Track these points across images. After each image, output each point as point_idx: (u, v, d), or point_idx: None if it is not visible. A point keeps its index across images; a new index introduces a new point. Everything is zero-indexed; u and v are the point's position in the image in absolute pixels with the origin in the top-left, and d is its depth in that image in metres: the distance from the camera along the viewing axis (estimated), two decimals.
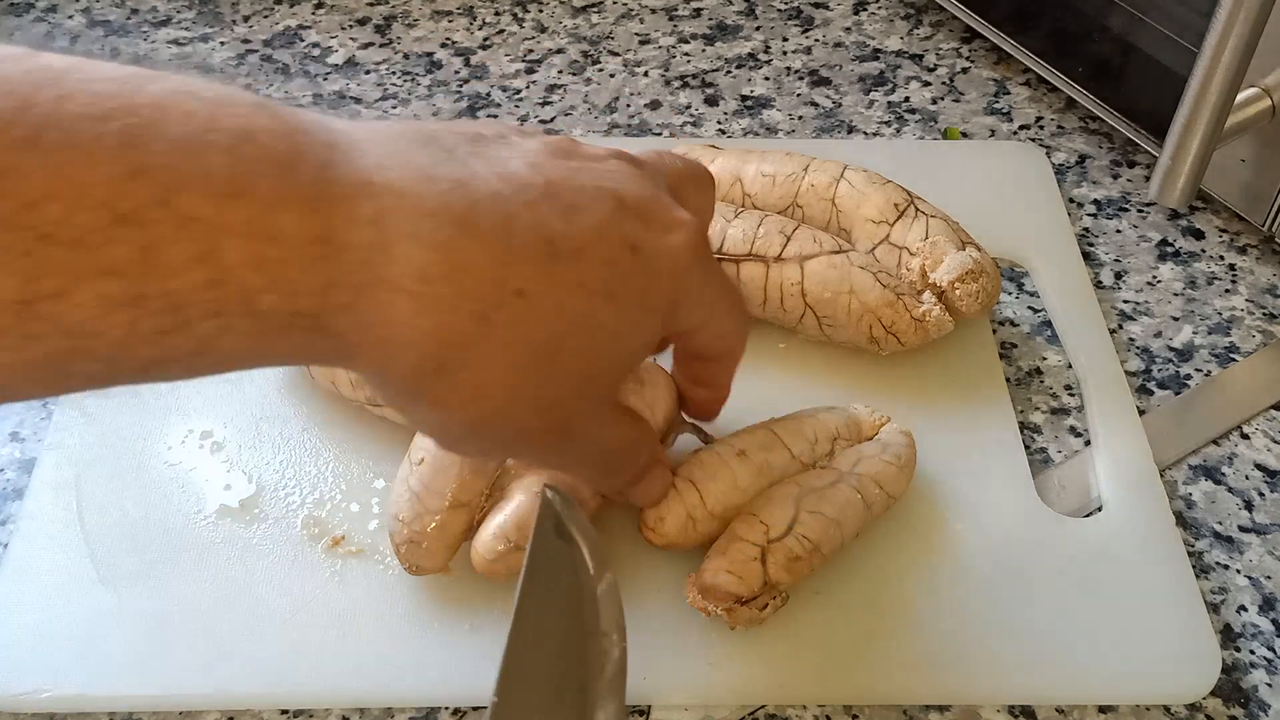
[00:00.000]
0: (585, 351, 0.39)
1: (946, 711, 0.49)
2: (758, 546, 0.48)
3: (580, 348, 0.39)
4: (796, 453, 0.51)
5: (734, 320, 0.45)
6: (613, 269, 0.39)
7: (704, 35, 0.81)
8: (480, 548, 0.49)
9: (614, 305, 0.39)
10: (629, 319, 0.40)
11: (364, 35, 0.81)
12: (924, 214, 0.59)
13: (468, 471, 0.49)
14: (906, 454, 0.53)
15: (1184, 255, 0.68)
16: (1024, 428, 0.58)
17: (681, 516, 0.49)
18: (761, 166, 0.61)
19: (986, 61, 0.79)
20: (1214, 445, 0.59)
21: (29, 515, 0.53)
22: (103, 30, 0.80)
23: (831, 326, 0.58)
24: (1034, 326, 0.63)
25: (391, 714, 0.49)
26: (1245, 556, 0.54)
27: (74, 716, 0.48)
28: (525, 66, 0.79)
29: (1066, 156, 0.73)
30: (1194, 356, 0.63)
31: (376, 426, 0.56)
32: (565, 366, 0.38)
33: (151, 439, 0.56)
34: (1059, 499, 0.56)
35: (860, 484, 0.50)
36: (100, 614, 0.50)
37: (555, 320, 0.38)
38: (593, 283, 0.38)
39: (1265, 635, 0.52)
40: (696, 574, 0.49)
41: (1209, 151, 0.57)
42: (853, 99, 0.77)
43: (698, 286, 0.42)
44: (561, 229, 0.38)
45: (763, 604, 0.48)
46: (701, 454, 0.51)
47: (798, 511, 0.48)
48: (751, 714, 0.49)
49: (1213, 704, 0.49)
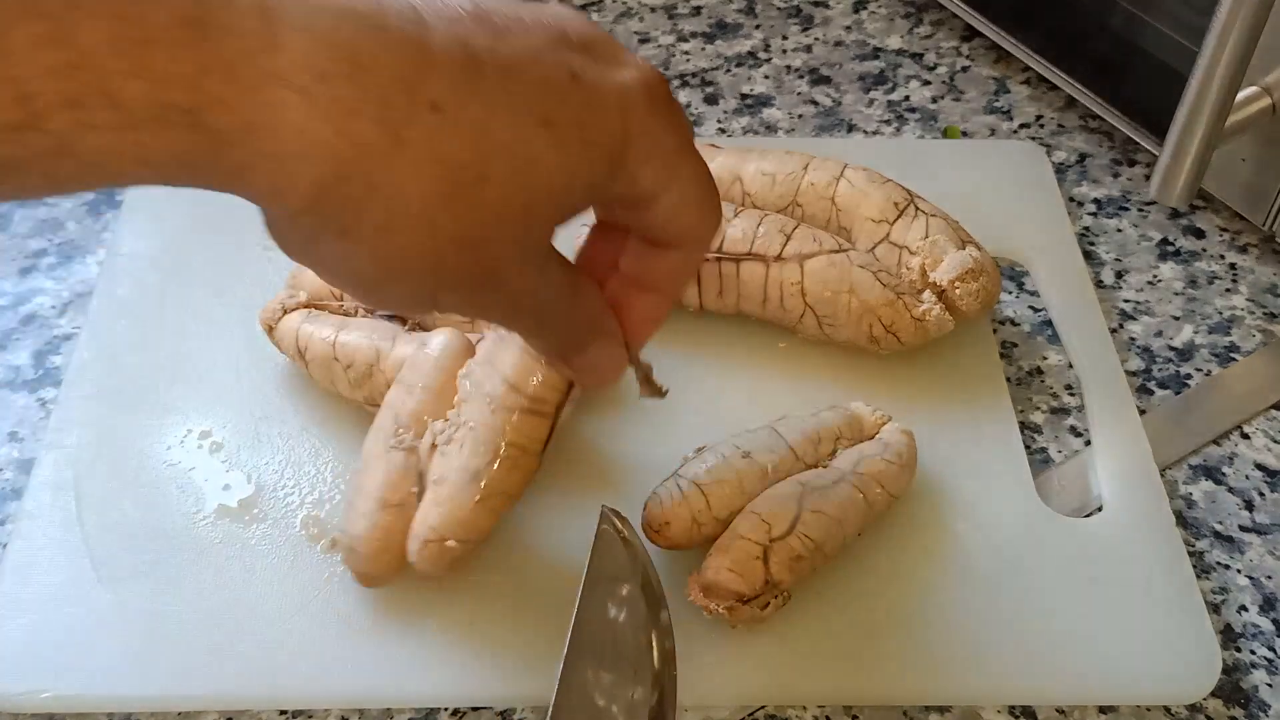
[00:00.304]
0: (514, 182, 0.34)
1: (946, 712, 0.49)
2: (760, 545, 0.48)
3: (508, 177, 0.34)
4: (800, 453, 0.51)
5: (698, 192, 0.40)
6: (548, 92, 0.35)
7: (704, 33, 0.81)
8: (410, 544, 0.48)
9: (549, 133, 0.35)
10: (567, 152, 0.35)
11: None
12: (924, 213, 0.59)
13: (394, 469, 0.49)
14: (908, 453, 0.53)
15: (1184, 254, 0.68)
16: (1024, 427, 0.58)
17: (687, 520, 0.49)
18: (761, 165, 0.61)
19: (986, 60, 0.79)
20: (1214, 445, 0.59)
21: (28, 515, 0.53)
22: None
23: (831, 326, 0.58)
24: (1034, 326, 0.63)
25: (391, 714, 0.48)
26: (1246, 556, 0.54)
27: (73, 716, 0.48)
28: None
29: (1067, 155, 0.73)
30: (1194, 356, 0.62)
31: None
32: (491, 198, 0.34)
33: (150, 439, 0.56)
34: (1059, 499, 0.56)
35: (862, 483, 0.50)
36: (99, 614, 0.50)
37: (479, 142, 0.33)
38: (523, 105, 0.34)
39: (1266, 635, 0.52)
40: (698, 572, 0.49)
41: (1209, 150, 0.57)
42: (853, 97, 0.77)
43: (655, 136, 0.38)
44: (487, 44, 0.34)
45: (764, 603, 0.48)
46: (706, 455, 0.51)
47: (800, 510, 0.48)
48: (751, 714, 0.49)
49: (1213, 704, 0.49)
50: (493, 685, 0.48)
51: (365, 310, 0.56)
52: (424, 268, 0.35)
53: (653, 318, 0.44)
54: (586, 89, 0.36)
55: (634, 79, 0.37)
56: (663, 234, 0.41)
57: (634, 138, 0.37)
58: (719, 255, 0.58)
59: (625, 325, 0.43)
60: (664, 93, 0.39)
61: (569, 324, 0.41)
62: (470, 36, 0.34)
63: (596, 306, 0.42)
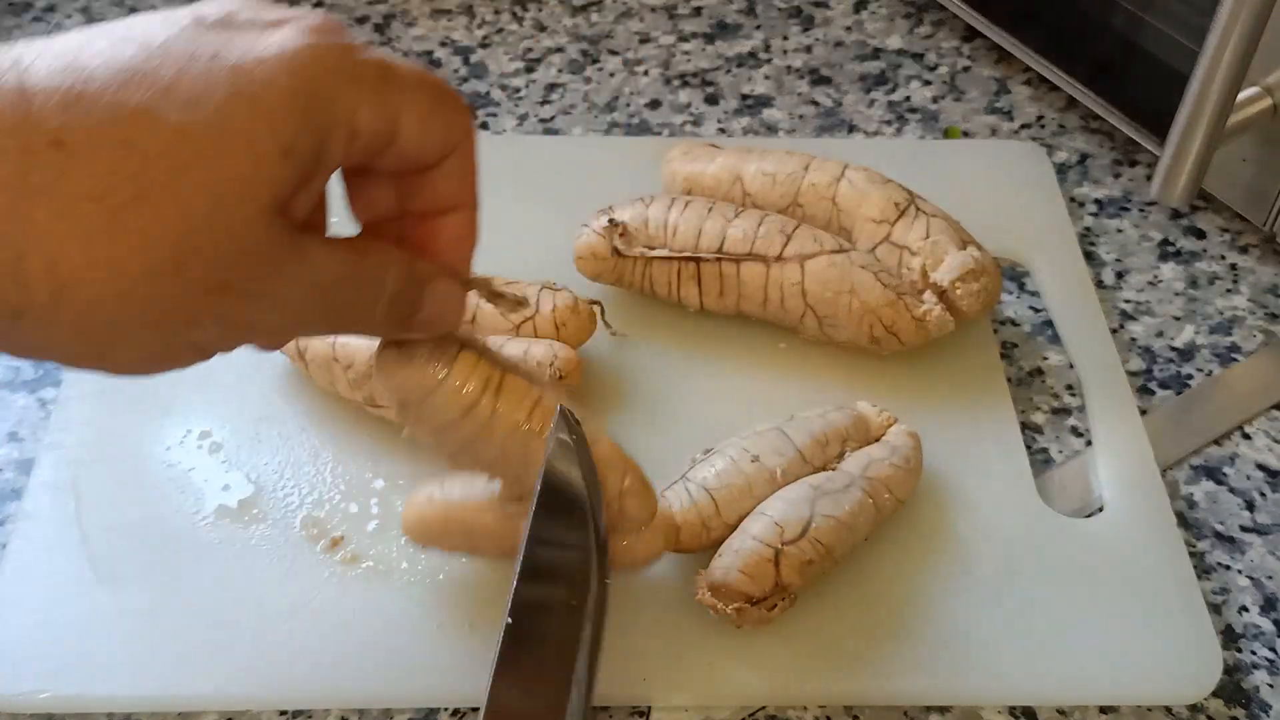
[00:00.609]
0: (182, 188, 0.32)
1: (947, 712, 0.49)
2: (772, 548, 0.47)
3: (169, 184, 0.32)
4: (808, 456, 0.51)
5: (430, 99, 0.38)
6: (187, 81, 0.32)
7: (704, 34, 0.81)
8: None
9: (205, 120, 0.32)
10: (233, 131, 0.33)
11: (363, 34, 0.80)
12: (925, 213, 0.59)
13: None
14: (914, 457, 0.53)
15: (1185, 255, 0.68)
16: (1025, 428, 0.58)
17: (697, 526, 0.49)
18: (762, 165, 0.61)
19: (987, 60, 0.79)
20: (1215, 445, 0.59)
21: (27, 515, 0.53)
22: None
23: (832, 326, 0.58)
24: (1035, 326, 0.63)
25: (391, 714, 0.48)
26: (1247, 557, 0.54)
27: (73, 716, 0.48)
28: (525, 65, 0.78)
29: (1068, 155, 0.73)
30: (1195, 356, 0.62)
31: (376, 427, 0.56)
32: (164, 213, 0.32)
33: (150, 439, 0.56)
34: (1060, 499, 0.56)
35: (872, 488, 0.50)
36: (99, 614, 0.50)
37: (121, 162, 0.31)
38: (160, 103, 0.32)
39: (1267, 636, 0.51)
40: (707, 571, 0.48)
41: (1210, 151, 0.57)
42: (853, 98, 0.77)
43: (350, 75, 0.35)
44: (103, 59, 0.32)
45: (772, 604, 0.48)
46: (714, 458, 0.51)
47: (813, 515, 0.48)
48: (751, 714, 0.49)
49: (1214, 705, 0.49)
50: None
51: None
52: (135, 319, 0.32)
53: (465, 234, 0.42)
54: (234, 64, 0.33)
55: (293, 34, 0.35)
56: (424, 157, 0.39)
57: (325, 89, 0.35)
58: (719, 256, 0.57)
59: (441, 256, 0.41)
60: (336, 31, 0.36)
61: (372, 299, 0.38)
62: (81, 57, 0.32)
63: (395, 264, 0.39)
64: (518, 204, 0.67)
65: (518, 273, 0.59)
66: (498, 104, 0.76)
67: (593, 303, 0.57)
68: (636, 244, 0.59)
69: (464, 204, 0.41)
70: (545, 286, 0.57)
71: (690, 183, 0.63)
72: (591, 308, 0.57)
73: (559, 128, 0.74)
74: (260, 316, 0.36)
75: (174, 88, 0.32)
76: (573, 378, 0.53)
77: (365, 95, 0.36)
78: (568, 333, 0.55)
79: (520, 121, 0.74)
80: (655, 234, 0.59)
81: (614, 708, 0.48)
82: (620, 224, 0.59)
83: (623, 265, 0.59)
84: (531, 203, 0.67)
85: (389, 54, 0.37)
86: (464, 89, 0.76)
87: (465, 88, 0.76)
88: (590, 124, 0.74)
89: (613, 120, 0.75)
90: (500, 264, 0.62)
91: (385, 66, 0.36)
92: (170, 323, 0.33)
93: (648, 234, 0.59)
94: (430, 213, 0.41)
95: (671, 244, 0.58)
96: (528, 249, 0.64)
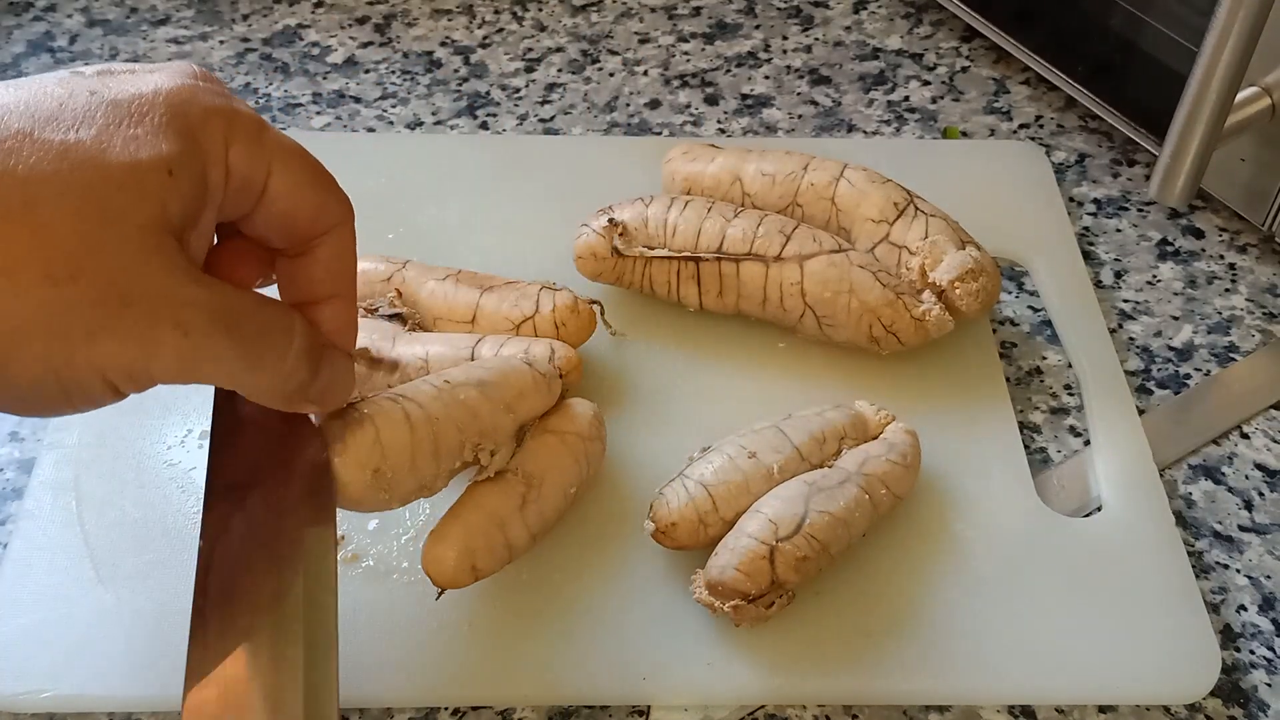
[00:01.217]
0: (73, 192, 0.34)
1: (946, 711, 0.49)
2: (767, 545, 0.47)
3: (61, 191, 0.34)
4: (805, 453, 0.51)
5: (304, 169, 0.40)
6: (68, 113, 0.35)
7: (704, 34, 0.81)
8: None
9: (84, 135, 0.35)
10: (115, 148, 0.35)
11: (363, 34, 0.80)
12: (924, 213, 0.59)
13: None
14: (912, 454, 0.53)
15: (1184, 254, 0.68)
16: (1024, 427, 0.58)
17: (694, 522, 0.49)
18: (761, 165, 0.61)
19: (986, 60, 0.79)
20: (1214, 445, 0.59)
21: (28, 515, 0.53)
22: (101, 29, 0.80)
23: (831, 326, 0.58)
24: (1034, 326, 0.63)
25: (391, 714, 0.49)
26: (1245, 556, 0.54)
27: (74, 716, 0.48)
28: (525, 65, 0.79)
29: (1066, 155, 0.73)
30: (1194, 356, 0.63)
31: None
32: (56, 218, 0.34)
33: (150, 439, 0.56)
34: (1059, 499, 0.56)
35: (868, 484, 0.50)
36: (100, 614, 0.50)
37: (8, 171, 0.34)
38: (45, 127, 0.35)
39: (1265, 635, 0.52)
40: (704, 569, 0.49)
41: (1209, 150, 0.57)
42: (852, 98, 0.77)
43: (225, 116, 0.38)
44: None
45: (769, 602, 0.48)
46: (712, 455, 0.51)
47: (807, 511, 0.48)
48: (751, 714, 0.49)
49: (1212, 704, 0.49)
50: (493, 685, 0.48)
51: (365, 309, 0.56)
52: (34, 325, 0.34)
53: (345, 324, 0.43)
54: (112, 99, 0.36)
55: (170, 75, 0.38)
56: (296, 226, 0.41)
57: (200, 120, 0.37)
58: (719, 255, 0.58)
59: (333, 335, 0.43)
60: (209, 79, 0.39)
61: (285, 337, 0.40)
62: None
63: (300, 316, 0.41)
64: (518, 204, 0.67)
65: (518, 273, 0.59)
66: (498, 104, 0.76)
67: (592, 302, 0.57)
68: (636, 244, 0.59)
69: (340, 293, 0.43)
70: (545, 287, 0.57)
71: (690, 183, 0.63)
72: (591, 308, 0.57)
73: (559, 128, 0.74)
74: (164, 338, 0.36)
75: (56, 116, 0.35)
76: (573, 376, 0.53)
77: (238, 137, 0.38)
78: (568, 332, 0.56)
79: (520, 121, 0.74)
80: (655, 234, 0.59)
81: (613, 707, 0.49)
82: (620, 224, 0.59)
83: (622, 265, 0.59)
84: (531, 203, 0.67)
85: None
86: (464, 89, 0.76)
87: (465, 88, 0.77)
88: (590, 124, 0.74)
89: (613, 120, 0.75)
90: (501, 264, 0.63)
91: (261, 123, 0.39)
92: (69, 333, 0.34)
93: (647, 234, 0.59)
94: (309, 301, 0.42)
95: (671, 244, 0.58)
96: (528, 249, 0.64)
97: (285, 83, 0.77)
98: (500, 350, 0.53)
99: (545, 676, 0.48)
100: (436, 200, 0.67)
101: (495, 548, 0.48)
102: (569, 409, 0.51)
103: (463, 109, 0.75)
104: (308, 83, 0.77)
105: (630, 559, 0.52)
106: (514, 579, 0.51)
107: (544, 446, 0.50)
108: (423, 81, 0.77)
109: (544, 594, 0.51)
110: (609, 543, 0.52)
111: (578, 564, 0.52)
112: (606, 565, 0.51)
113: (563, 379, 0.52)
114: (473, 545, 0.47)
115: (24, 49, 0.78)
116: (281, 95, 0.76)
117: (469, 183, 0.68)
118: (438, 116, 0.75)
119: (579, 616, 0.50)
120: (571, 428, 0.51)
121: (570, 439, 0.50)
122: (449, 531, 0.47)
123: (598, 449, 0.52)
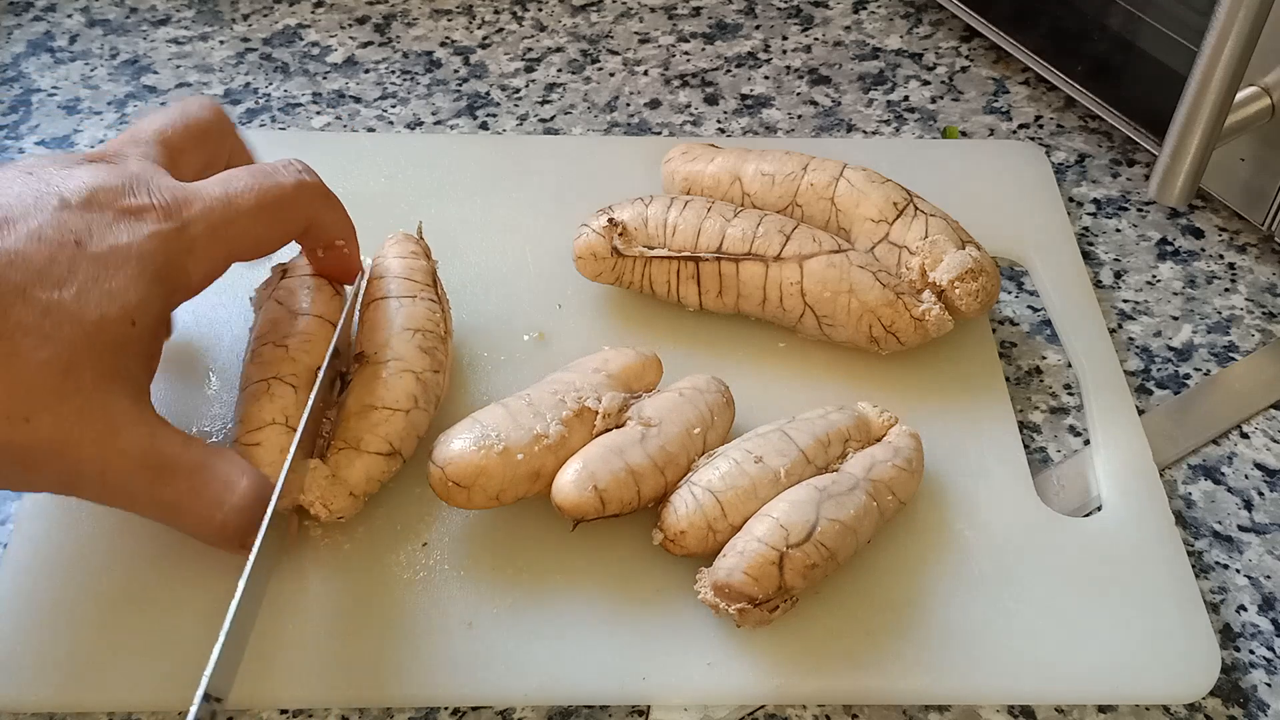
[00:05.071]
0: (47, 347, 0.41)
1: (946, 711, 0.49)
2: (777, 551, 0.47)
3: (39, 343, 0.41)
4: (810, 456, 0.51)
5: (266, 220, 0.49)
6: (56, 268, 0.42)
7: (703, 34, 0.81)
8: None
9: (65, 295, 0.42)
10: (90, 305, 0.43)
11: (363, 34, 0.80)
12: (923, 213, 0.59)
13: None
14: (916, 458, 0.53)
15: (1183, 254, 0.68)
16: (1023, 427, 0.58)
17: (703, 529, 0.49)
18: (761, 165, 0.61)
19: (986, 60, 0.79)
20: (1213, 445, 0.59)
21: (29, 515, 0.53)
22: (102, 29, 0.80)
23: (831, 326, 0.58)
24: (1033, 326, 0.63)
25: (391, 714, 0.49)
26: (1245, 556, 0.54)
27: (74, 716, 0.48)
28: (524, 65, 0.79)
29: (1066, 155, 0.73)
30: (1193, 356, 0.63)
31: None
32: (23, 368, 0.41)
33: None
34: (1058, 498, 0.56)
35: (876, 491, 0.50)
36: (100, 614, 0.50)
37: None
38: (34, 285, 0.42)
39: (1265, 635, 0.52)
40: (710, 570, 0.48)
41: (1208, 150, 0.57)
42: (852, 98, 0.77)
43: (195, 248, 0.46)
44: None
45: (773, 606, 0.48)
46: (718, 460, 0.51)
47: (818, 518, 0.48)
48: (751, 714, 0.49)
49: (1212, 704, 0.49)
50: (493, 685, 0.48)
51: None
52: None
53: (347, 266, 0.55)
54: (93, 254, 0.43)
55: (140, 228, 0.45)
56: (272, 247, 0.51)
57: (164, 267, 0.45)
58: (718, 255, 0.58)
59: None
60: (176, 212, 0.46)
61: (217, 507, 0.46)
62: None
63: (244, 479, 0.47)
64: (518, 204, 0.67)
65: (518, 272, 0.59)
66: (498, 104, 0.76)
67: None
68: (636, 244, 0.59)
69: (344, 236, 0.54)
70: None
71: (690, 183, 0.63)
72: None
73: (559, 128, 0.74)
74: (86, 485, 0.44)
75: (46, 272, 0.42)
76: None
77: (199, 260, 0.46)
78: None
79: (520, 121, 0.75)
80: (654, 234, 0.59)
81: (613, 707, 0.49)
82: (620, 224, 0.59)
83: (622, 265, 0.59)
84: (531, 203, 0.67)
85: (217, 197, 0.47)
86: (463, 89, 0.76)
87: (465, 88, 0.77)
88: (590, 124, 0.75)
89: (612, 120, 0.75)
90: (500, 263, 0.63)
91: (212, 226, 0.46)
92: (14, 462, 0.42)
93: (647, 234, 0.59)
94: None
95: (671, 244, 0.58)
96: (528, 249, 0.64)
97: (285, 83, 0.77)
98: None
99: (545, 676, 0.48)
100: (436, 200, 0.67)
101: (616, 471, 0.49)
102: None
103: (463, 109, 0.75)
104: (308, 83, 0.77)
105: (630, 558, 0.52)
106: (514, 579, 0.51)
107: (661, 399, 0.53)
108: (423, 81, 0.77)
109: (544, 594, 0.51)
110: (608, 542, 0.52)
111: (577, 564, 0.52)
112: (606, 565, 0.52)
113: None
114: (592, 467, 0.49)
115: (24, 49, 0.78)
116: (281, 95, 0.76)
117: (469, 183, 0.68)
118: (438, 116, 0.75)
119: (579, 616, 0.50)
120: (688, 384, 0.54)
121: (688, 392, 0.53)
122: (570, 463, 0.50)
123: (719, 400, 0.54)
